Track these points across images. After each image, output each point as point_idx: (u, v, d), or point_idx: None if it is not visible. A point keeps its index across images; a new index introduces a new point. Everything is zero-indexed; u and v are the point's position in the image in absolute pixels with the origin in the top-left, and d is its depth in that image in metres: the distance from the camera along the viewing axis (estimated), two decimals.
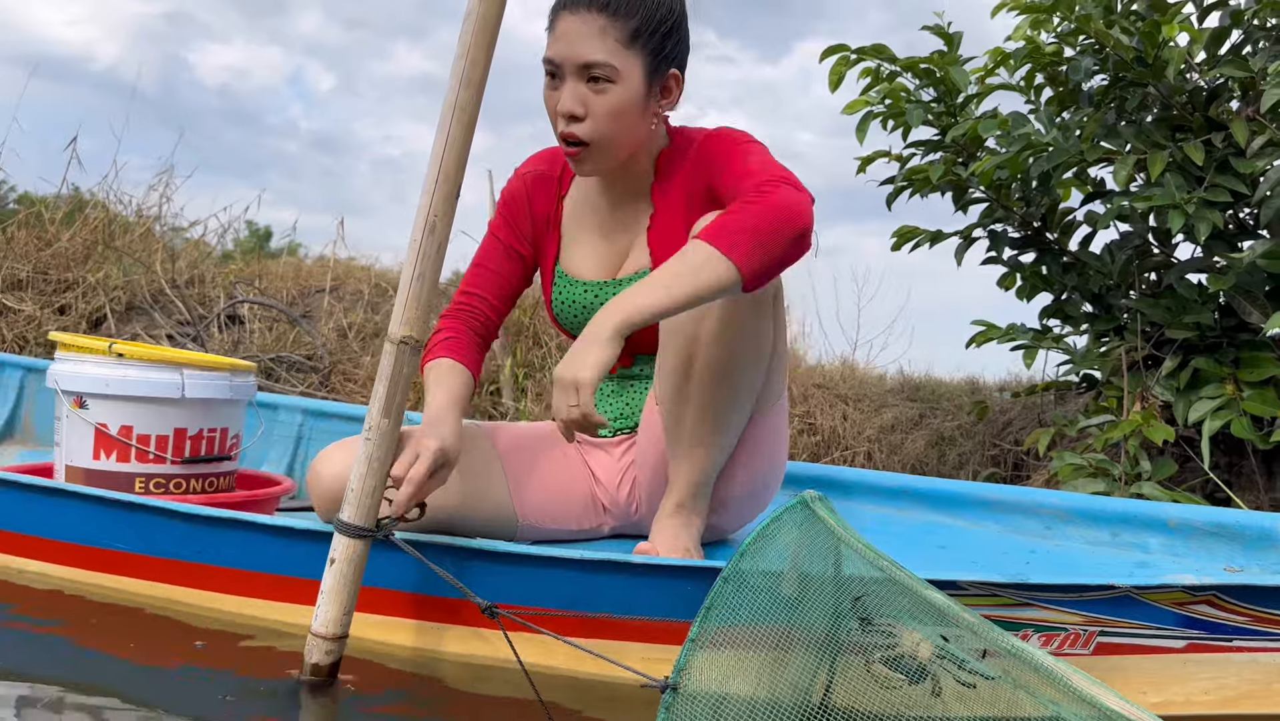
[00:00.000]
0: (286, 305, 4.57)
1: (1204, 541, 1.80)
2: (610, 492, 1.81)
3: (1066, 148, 2.85)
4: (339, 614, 1.33)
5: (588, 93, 1.54)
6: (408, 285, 1.34)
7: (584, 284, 1.73)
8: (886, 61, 3.32)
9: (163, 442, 1.90)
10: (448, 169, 1.31)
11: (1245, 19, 2.81)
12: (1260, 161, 2.61)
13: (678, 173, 1.66)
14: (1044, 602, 1.30)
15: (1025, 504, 2.00)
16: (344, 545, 1.33)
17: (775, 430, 1.71)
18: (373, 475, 1.34)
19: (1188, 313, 2.81)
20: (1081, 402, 3.59)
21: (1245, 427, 2.50)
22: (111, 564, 1.67)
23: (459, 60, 1.30)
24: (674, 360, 1.54)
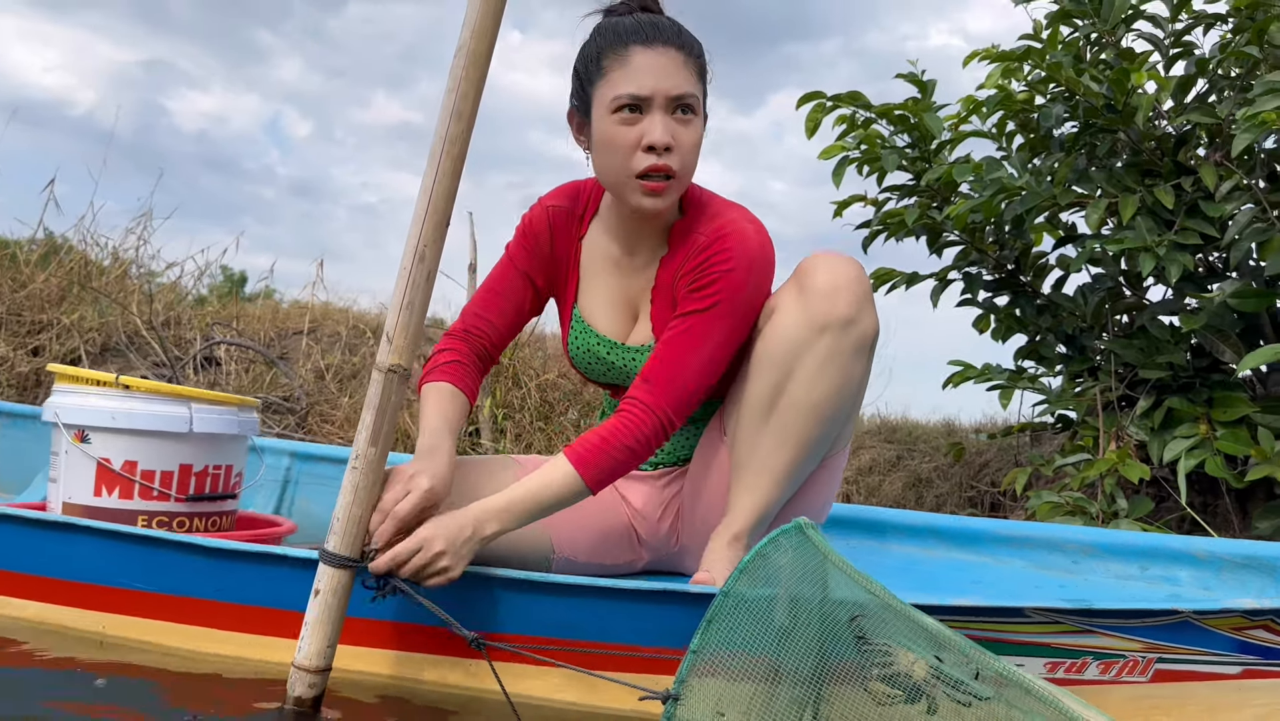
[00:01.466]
0: (264, 347, 4.55)
1: (1234, 574, 1.80)
2: (650, 525, 1.78)
3: (1039, 192, 2.90)
4: (323, 646, 1.31)
5: (675, 125, 1.52)
6: (396, 313, 1.33)
7: (598, 336, 1.72)
8: (862, 108, 3.38)
9: (167, 479, 1.83)
10: (437, 200, 1.32)
11: (1209, 67, 2.89)
12: (1228, 205, 2.67)
13: (679, 254, 1.64)
14: (1106, 629, 1.29)
15: (1052, 540, 2.00)
16: (328, 575, 1.31)
17: (835, 471, 1.70)
18: (359, 504, 1.33)
19: (1160, 353, 2.86)
20: (1057, 443, 3.63)
21: (1219, 466, 2.53)
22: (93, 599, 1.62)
23: (450, 94, 1.31)
24: (761, 387, 1.53)
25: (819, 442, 1.56)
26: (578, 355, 1.76)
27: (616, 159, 1.54)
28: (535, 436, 3.98)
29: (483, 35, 1.30)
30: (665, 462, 1.79)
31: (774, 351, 1.52)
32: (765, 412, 1.54)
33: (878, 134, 3.42)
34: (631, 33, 1.52)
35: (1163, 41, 2.99)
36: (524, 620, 1.42)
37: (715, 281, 1.54)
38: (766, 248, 1.58)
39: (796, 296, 1.52)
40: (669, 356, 1.52)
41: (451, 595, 1.41)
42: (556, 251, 1.74)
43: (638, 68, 1.50)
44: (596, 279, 1.73)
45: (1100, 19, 2.92)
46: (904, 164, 3.39)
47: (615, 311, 1.72)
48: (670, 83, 1.50)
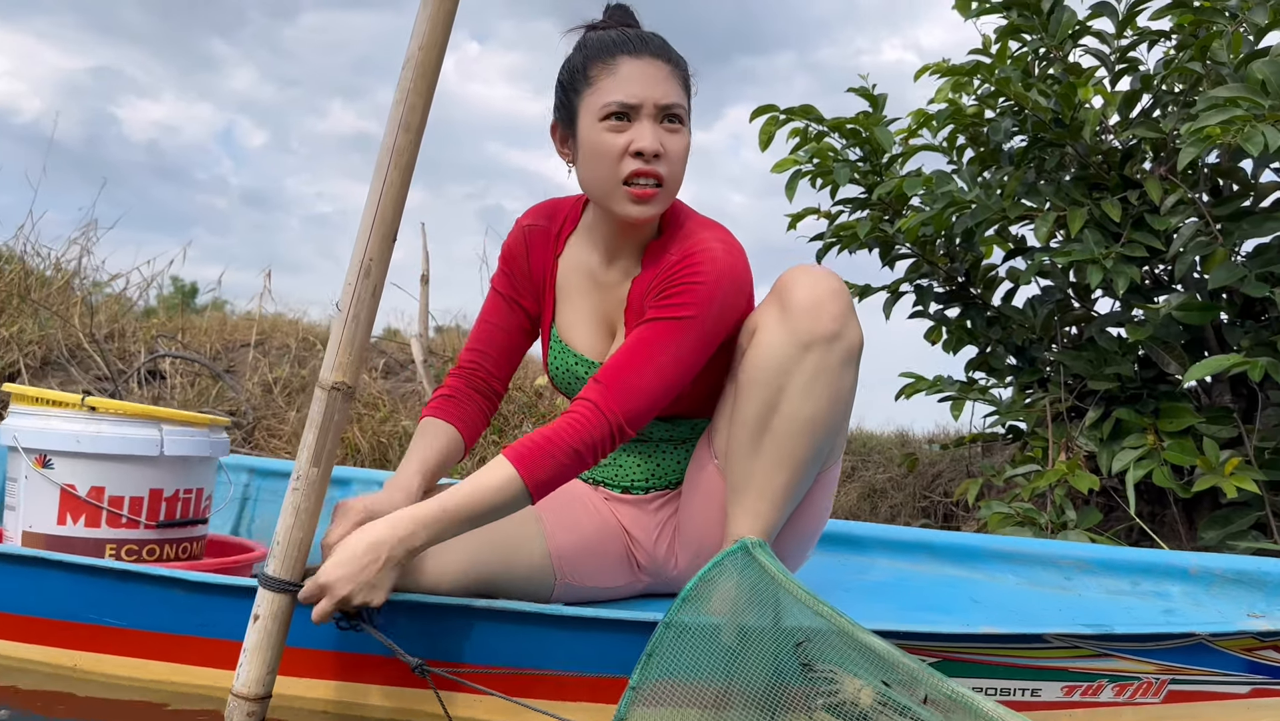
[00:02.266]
0: (210, 359, 4.46)
1: (1225, 589, 1.82)
2: (647, 549, 1.75)
3: (989, 205, 2.93)
4: (262, 673, 1.27)
5: (664, 133, 1.52)
6: (340, 329, 1.30)
7: (575, 355, 1.70)
8: (814, 122, 3.39)
9: (137, 505, 1.74)
10: (384, 212, 1.29)
11: (1155, 83, 2.94)
12: (1173, 218, 2.71)
13: (654, 270, 1.61)
14: (1123, 653, 1.31)
15: (1044, 555, 2.00)
16: (269, 600, 1.28)
17: (830, 484, 1.68)
18: (300, 527, 1.29)
19: (1108, 364, 2.89)
20: (1009, 453, 3.66)
21: (1166, 477, 2.55)
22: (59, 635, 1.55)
23: (397, 105, 1.28)
24: (752, 411, 1.51)
25: (814, 460, 1.54)
26: (557, 375, 1.74)
27: (604, 167, 1.52)
28: (490, 450, 3.94)
29: (431, 47, 1.28)
30: (655, 486, 1.77)
31: (761, 372, 1.49)
32: (758, 434, 1.51)
33: (830, 147, 3.43)
34: (619, 44, 1.52)
35: (1109, 57, 3.03)
36: (468, 648, 1.38)
37: (682, 293, 1.51)
38: (738, 268, 1.55)
39: (779, 314, 1.50)
40: (625, 361, 1.48)
41: (397, 622, 1.38)
42: (533, 269, 1.73)
43: (626, 76, 1.50)
44: (572, 297, 1.71)
45: (1048, 34, 2.95)
46: (856, 177, 3.40)
47: (592, 330, 1.70)
48: (659, 91, 1.50)
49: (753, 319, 1.56)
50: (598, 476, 1.81)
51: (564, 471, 1.41)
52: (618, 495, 1.78)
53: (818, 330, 1.46)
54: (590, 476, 1.82)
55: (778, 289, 1.52)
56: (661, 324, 1.50)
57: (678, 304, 1.51)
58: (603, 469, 1.80)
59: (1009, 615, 1.75)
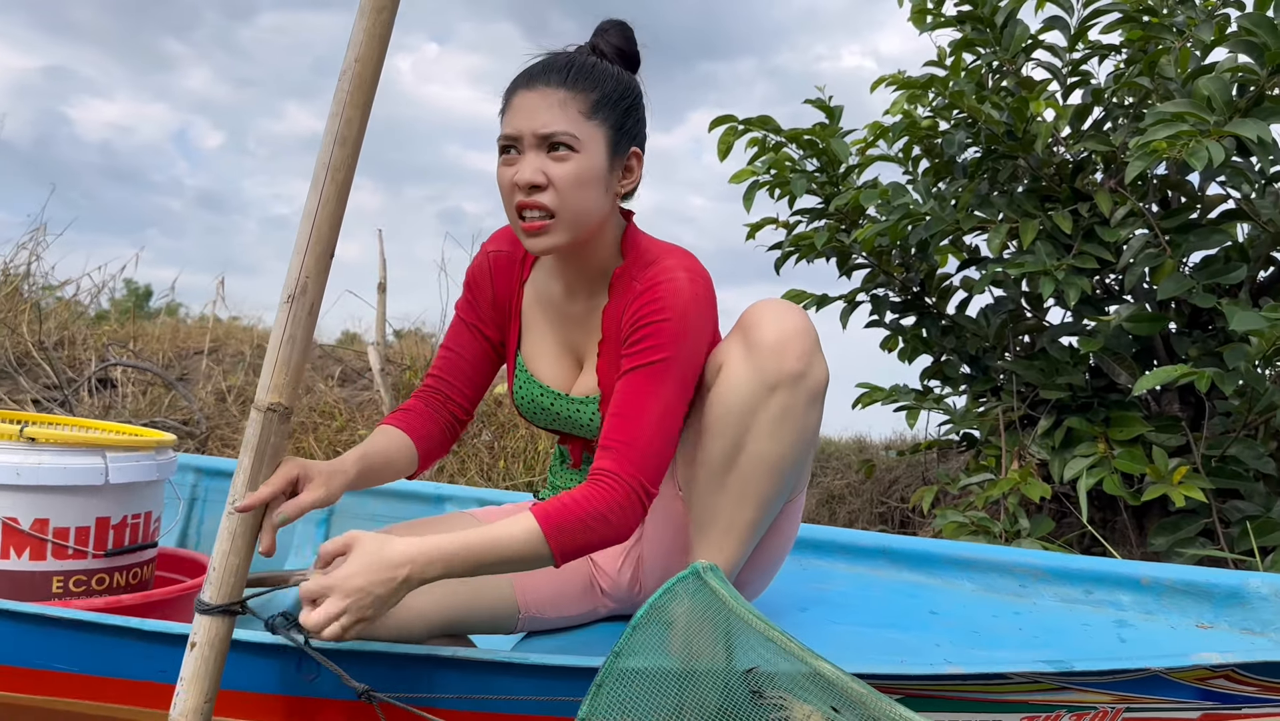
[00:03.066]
0: (162, 368, 4.40)
1: (1174, 599, 1.86)
2: (611, 576, 1.74)
3: (943, 216, 2.96)
4: (200, 702, 1.24)
5: (548, 162, 1.47)
6: (276, 349, 1.26)
7: (541, 386, 1.68)
8: (772, 132, 3.42)
9: (83, 535, 1.68)
10: (320, 228, 1.25)
11: (1105, 96, 2.99)
12: (1123, 230, 2.76)
13: (622, 300, 1.58)
14: (1082, 686, 1.33)
15: (1000, 563, 2.02)
16: (205, 627, 1.25)
17: (794, 514, 1.68)
18: (236, 552, 1.26)
19: (1060, 374, 2.93)
20: (964, 459, 3.70)
21: (1117, 484, 2.59)
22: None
23: (334, 118, 1.25)
24: (719, 447, 1.49)
25: (779, 496, 1.54)
26: (523, 404, 1.71)
27: (504, 200, 1.52)
28: (448, 460, 3.92)
29: (369, 59, 1.25)
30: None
31: (727, 411, 1.48)
32: (723, 472, 1.50)
33: (788, 157, 3.45)
34: (522, 78, 1.51)
35: (1061, 71, 3.08)
36: (417, 681, 1.37)
37: (651, 336, 1.48)
38: (700, 297, 1.51)
39: (744, 353, 1.49)
40: (623, 422, 1.45)
41: (343, 650, 1.36)
42: (498, 295, 1.71)
43: (515, 109, 1.49)
44: (537, 326, 1.69)
45: (1001, 48, 2.99)
46: (813, 188, 3.43)
47: (558, 360, 1.68)
48: (538, 121, 1.46)
49: (718, 354, 1.55)
50: None
51: (593, 539, 1.38)
52: None
53: (784, 370, 1.46)
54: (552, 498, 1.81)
55: (743, 325, 1.51)
56: (640, 374, 1.48)
57: (650, 347, 1.48)
58: (565, 489, 1.78)
59: (968, 629, 1.77)
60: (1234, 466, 2.68)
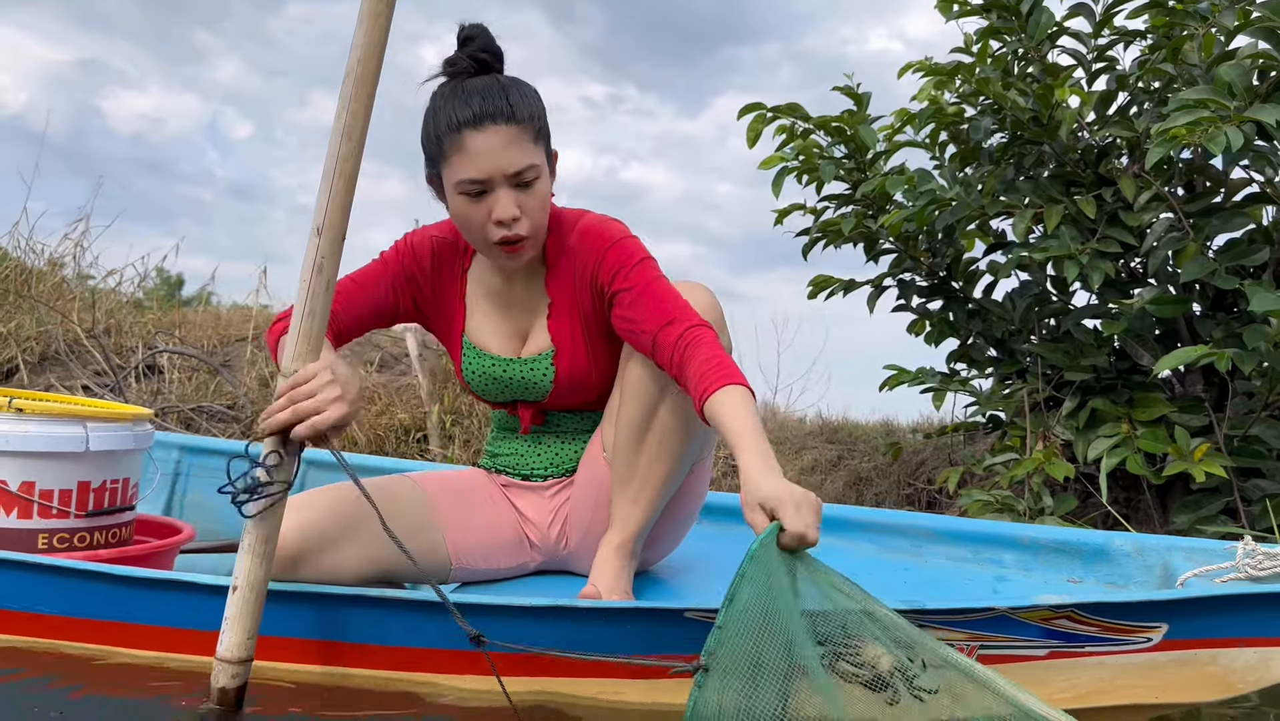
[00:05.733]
0: (206, 354, 4.53)
1: (1050, 557, 2.03)
2: (541, 531, 1.90)
3: (968, 202, 3.02)
4: (243, 638, 1.36)
5: (518, 195, 1.63)
6: (299, 322, 1.40)
7: (492, 358, 1.83)
8: (800, 120, 3.48)
9: (66, 497, 1.87)
10: (332, 216, 1.39)
11: (1130, 82, 3.03)
12: (1146, 215, 2.81)
13: (563, 264, 1.77)
14: (936, 624, 1.44)
15: (897, 526, 2.18)
16: (246, 571, 1.36)
17: (704, 473, 1.86)
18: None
19: (1084, 356, 2.98)
20: (989, 442, 3.75)
21: (1139, 464, 2.65)
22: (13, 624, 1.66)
23: (339, 116, 1.38)
24: (636, 411, 1.68)
25: (689, 454, 1.74)
26: (473, 379, 1.86)
27: (472, 232, 1.67)
28: (484, 442, 4.02)
29: (369, 59, 1.38)
30: (553, 474, 1.91)
31: (643, 380, 1.68)
32: (640, 434, 1.69)
33: (816, 144, 3.52)
34: (464, 121, 1.59)
35: (1086, 57, 3.12)
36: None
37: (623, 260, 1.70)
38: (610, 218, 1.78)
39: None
40: (660, 306, 1.63)
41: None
42: (438, 281, 1.84)
43: (474, 153, 1.60)
44: (483, 309, 1.85)
45: (1027, 35, 3.04)
46: (841, 174, 3.49)
47: (504, 336, 1.84)
48: (506, 160, 1.60)
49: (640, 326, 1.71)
50: (499, 465, 1.95)
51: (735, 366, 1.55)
52: (517, 481, 1.92)
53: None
54: (492, 465, 1.96)
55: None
56: (640, 284, 1.67)
57: (631, 266, 1.69)
58: (506, 457, 1.94)
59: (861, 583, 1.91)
60: (1256, 446, 2.72)
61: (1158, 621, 1.48)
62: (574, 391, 1.82)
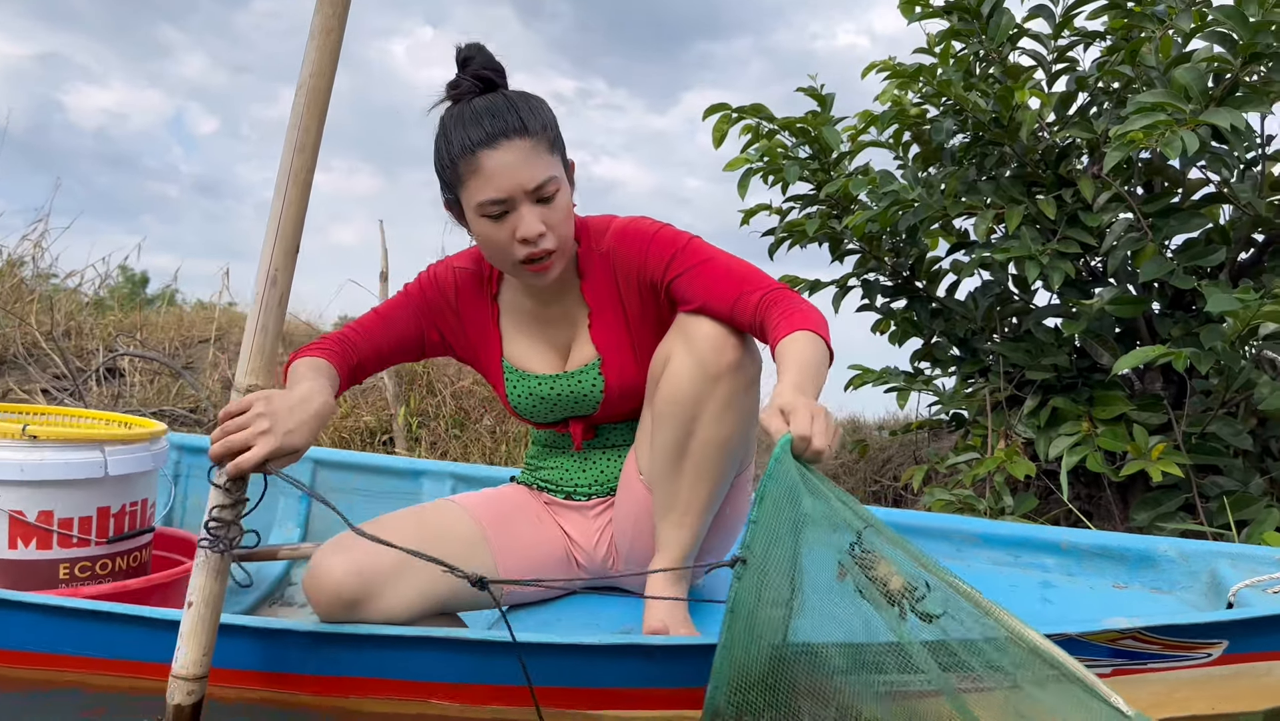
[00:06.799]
0: (169, 356, 4.48)
1: (1094, 563, 2.02)
2: (587, 551, 1.87)
3: (930, 203, 3.03)
4: (199, 654, 1.35)
5: (541, 210, 1.59)
6: (251, 336, 1.39)
7: (537, 377, 1.79)
8: (765, 120, 3.48)
9: (86, 525, 1.79)
10: (285, 228, 1.38)
11: (1090, 83, 3.06)
12: (1105, 215, 2.83)
13: (598, 270, 1.74)
14: None
15: (936, 529, 2.18)
16: (200, 587, 1.36)
17: (745, 485, 1.82)
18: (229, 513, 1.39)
19: (1045, 355, 3.01)
20: (953, 440, 3.78)
21: (1099, 462, 2.68)
22: None
23: (292, 129, 1.38)
24: (671, 435, 1.63)
25: (730, 473, 1.69)
26: (520, 403, 1.82)
27: (497, 253, 1.63)
28: (450, 444, 4.00)
29: (321, 74, 1.38)
30: (597, 493, 1.87)
31: (676, 403, 1.62)
32: (678, 458, 1.64)
33: (781, 144, 3.52)
34: (477, 141, 1.56)
35: (1046, 58, 3.14)
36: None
37: (668, 246, 1.68)
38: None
39: (686, 348, 1.62)
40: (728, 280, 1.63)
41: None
42: (467, 311, 1.81)
43: (491, 172, 1.55)
44: (518, 332, 1.81)
45: (987, 37, 3.06)
46: (805, 175, 3.50)
47: (545, 354, 1.80)
48: (525, 176, 1.56)
49: (664, 347, 1.69)
50: (542, 482, 1.91)
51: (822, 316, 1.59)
52: (560, 500, 1.88)
53: (723, 361, 1.60)
54: (533, 480, 1.92)
55: (681, 324, 1.66)
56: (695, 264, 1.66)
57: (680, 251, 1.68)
58: (549, 472, 1.90)
59: None
60: (1213, 443, 2.76)
61: (1219, 638, 1.51)
62: (624, 400, 1.78)
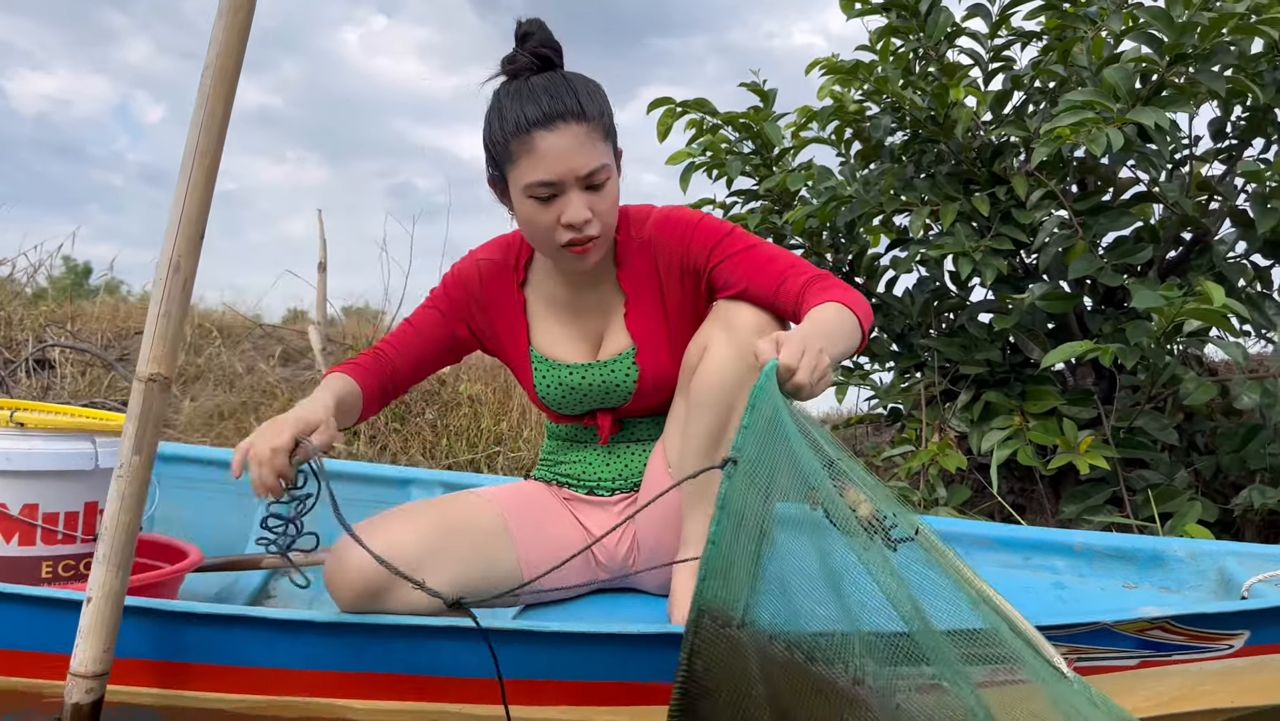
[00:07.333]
0: (102, 348, 4.39)
1: (1104, 563, 2.03)
2: (608, 549, 1.82)
3: (868, 199, 3.06)
4: (99, 651, 1.32)
5: (589, 197, 1.57)
6: (154, 323, 1.36)
7: (568, 366, 1.76)
8: (709, 114, 3.49)
9: (72, 520, 1.69)
10: (190, 211, 1.35)
11: (1025, 82, 3.10)
12: (1038, 213, 2.87)
13: (637, 258, 1.72)
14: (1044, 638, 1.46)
15: (946, 534, 2.12)
16: (100, 582, 1.33)
17: None
18: (126, 511, 1.35)
19: (979, 350, 3.05)
20: (892, 434, 3.81)
21: (1030, 455, 2.72)
22: None
23: (199, 109, 1.35)
24: (707, 423, 1.59)
25: None
26: (548, 393, 1.78)
27: (540, 235, 1.61)
28: (390, 438, 3.96)
29: (229, 53, 1.35)
30: (620, 488, 1.83)
31: (712, 390, 1.59)
32: (713, 447, 1.59)
33: (724, 139, 3.53)
34: (534, 121, 1.53)
35: (983, 57, 3.18)
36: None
37: (711, 235, 1.67)
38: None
39: (726, 334, 1.60)
40: (771, 264, 1.62)
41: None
42: (490, 301, 1.78)
43: (544, 154, 1.53)
44: (547, 322, 1.78)
45: (925, 35, 3.09)
46: (748, 170, 3.51)
47: (577, 342, 1.78)
48: (579, 162, 1.54)
49: (701, 335, 1.66)
50: (561, 478, 1.87)
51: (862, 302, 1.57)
52: (582, 496, 1.84)
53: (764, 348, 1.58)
54: (551, 476, 1.88)
55: (720, 311, 1.64)
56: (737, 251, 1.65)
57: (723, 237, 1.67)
58: (570, 466, 1.86)
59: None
60: (1140, 437, 2.81)
61: (1240, 629, 1.53)
62: (656, 391, 1.75)
